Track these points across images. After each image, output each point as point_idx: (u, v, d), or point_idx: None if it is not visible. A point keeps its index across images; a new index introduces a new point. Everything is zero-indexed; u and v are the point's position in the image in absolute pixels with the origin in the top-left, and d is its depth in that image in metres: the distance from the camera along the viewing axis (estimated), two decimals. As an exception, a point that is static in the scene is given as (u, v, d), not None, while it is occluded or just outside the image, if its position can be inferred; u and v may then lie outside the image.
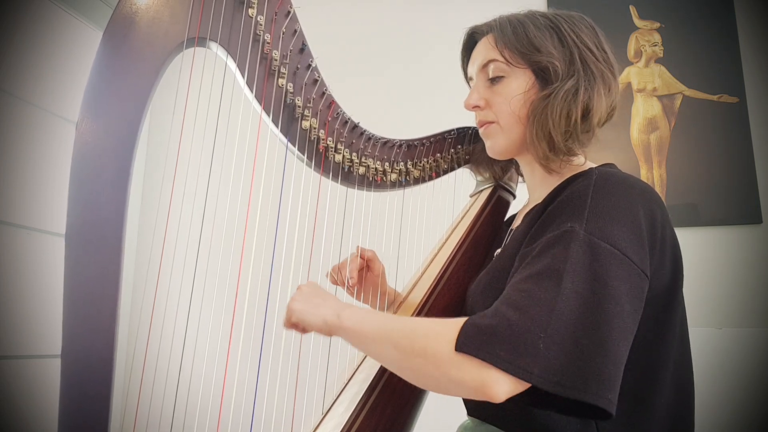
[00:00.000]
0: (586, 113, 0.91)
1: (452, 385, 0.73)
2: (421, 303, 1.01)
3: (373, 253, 1.15)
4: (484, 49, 0.98)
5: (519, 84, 0.94)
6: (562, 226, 0.77)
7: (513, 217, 1.16)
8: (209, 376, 1.14)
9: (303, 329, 0.88)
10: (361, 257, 1.13)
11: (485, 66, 0.97)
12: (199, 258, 1.91)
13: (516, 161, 1.11)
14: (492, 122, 0.98)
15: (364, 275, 1.15)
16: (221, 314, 1.11)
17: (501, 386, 0.68)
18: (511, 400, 0.70)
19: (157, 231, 2.16)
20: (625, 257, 0.74)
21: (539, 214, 0.86)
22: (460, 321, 0.73)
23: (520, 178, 1.21)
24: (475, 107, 0.99)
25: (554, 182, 0.92)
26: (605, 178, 0.81)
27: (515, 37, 0.94)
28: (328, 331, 0.85)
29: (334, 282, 1.12)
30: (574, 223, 0.76)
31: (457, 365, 0.70)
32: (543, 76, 0.93)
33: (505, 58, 0.94)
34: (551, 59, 0.91)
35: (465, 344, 0.70)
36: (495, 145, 0.99)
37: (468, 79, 1.06)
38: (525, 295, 0.71)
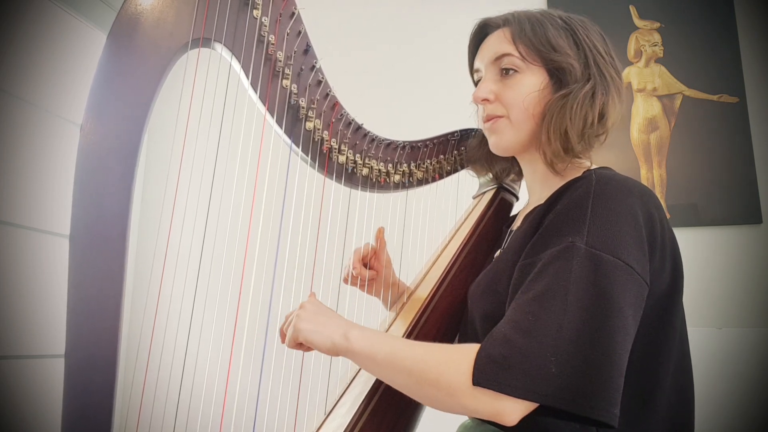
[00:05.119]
0: (601, 117, 0.91)
1: (466, 412, 0.74)
2: (424, 304, 1.01)
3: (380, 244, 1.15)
4: (497, 42, 0.96)
5: (533, 81, 0.92)
6: (563, 240, 0.77)
7: (513, 217, 1.15)
8: (212, 375, 1.13)
9: (307, 348, 0.88)
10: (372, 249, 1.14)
11: (498, 59, 0.95)
12: (202, 258, 1.91)
13: (515, 160, 1.10)
14: (501, 116, 0.95)
15: (372, 265, 1.16)
16: (224, 313, 1.11)
17: (516, 412, 0.71)
18: None
19: (160, 232, 2.15)
20: (627, 266, 0.74)
21: (540, 216, 0.86)
22: (472, 350, 0.74)
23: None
24: (485, 100, 0.96)
25: (556, 183, 0.91)
26: (604, 182, 0.80)
27: (533, 34, 0.93)
28: (336, 352, 0.83)
29: (346, 282, 1.13)
30: (575, 236, 0.76)
31: (473, 397, 0.72)
32: (557, 76, 0.92)
33: (520, 54, 0.93)
34: (569, 60, 0.91)
35: (481, 378, 0.71)
36: (501, 141, 0.97)
37: (473, 71, 1.04)
38: (532, 319, 0.72)
